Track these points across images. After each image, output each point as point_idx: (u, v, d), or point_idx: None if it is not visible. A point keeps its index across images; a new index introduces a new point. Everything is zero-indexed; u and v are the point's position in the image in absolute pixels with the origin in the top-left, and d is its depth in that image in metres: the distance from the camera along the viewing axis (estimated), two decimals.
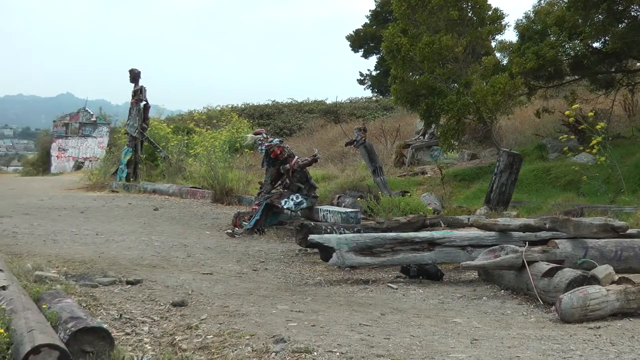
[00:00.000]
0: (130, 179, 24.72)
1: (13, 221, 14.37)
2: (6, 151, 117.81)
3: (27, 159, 55.85)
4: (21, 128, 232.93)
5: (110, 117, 47.72)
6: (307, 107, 42.00)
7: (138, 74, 25.91)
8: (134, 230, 13.50)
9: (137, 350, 5.47)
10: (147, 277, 8.48)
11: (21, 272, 7.82)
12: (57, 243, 11.52)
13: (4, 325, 4.86)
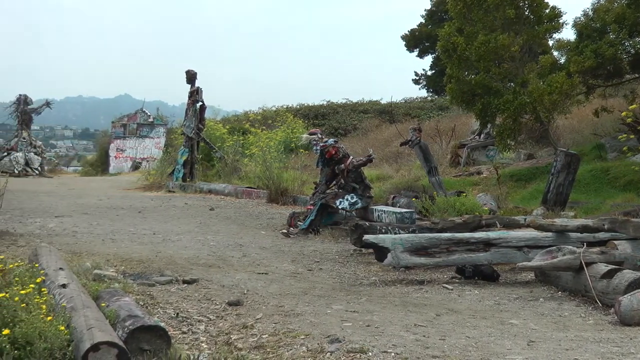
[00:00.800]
0: (186, 179, 24.97)
1: (73, 220, 14.62)
2: (66, 152, 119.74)
3: (87, 159, 56.78)
4: (81, 129, 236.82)
5: (167, 118, 48.22)
6: (362, 107, 41.94)
7: (194, 75, 26.15)
8: (190, 230, 13.63)
9: (194, 349, 5.53)
10: (203, 277, 8.55)
11: (81, 270, 7.95)
12: (115, 242, 11.68)
13: (65, 322, 4.95)
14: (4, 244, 11.42)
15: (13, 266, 6.58)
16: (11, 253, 10.04)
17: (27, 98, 41.33)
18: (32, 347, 4.62)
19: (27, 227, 13.57)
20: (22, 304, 5.09)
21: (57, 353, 4.65)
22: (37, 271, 6.59)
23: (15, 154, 39.06)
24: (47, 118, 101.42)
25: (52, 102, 43.64)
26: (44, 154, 42.84)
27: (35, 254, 7.98)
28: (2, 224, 13.16)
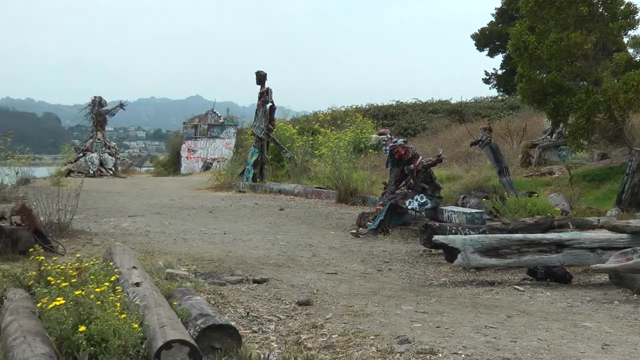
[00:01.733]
0: (256, 180, 25.15)
1: (146, 220, 14.87)
2: (139, 152, 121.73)
3: (159, 159, 57.52)
4: (153, 130, 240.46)
5: (237, 119, 48.55)
6: (431, 107, 41.65)
7: (264, 75, 26.33)
8: (260, 229, 13.73)
9: (264, 348, 5.57)
10: (273, 276, 8.62)
11: (153, 269, 8.09)
12: (187, 242, 11.85)
13: (138, 320, 5.04)
14: (79, 242, 11.70)
15: (88, 265, 6.73)
16: (87, 252, 10.28)
17: (101, 100, 42.11)
18: (107, 344, 4.72)
19: (101, 226, 13.86)
20: (97, 301, 5.20)
21: (131, 350, 4.74)
22: (111, 270, 6.73)
23: (90, 155, 39.84)
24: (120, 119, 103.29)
25: (126, 104, 44.34)
26: (118, 154, 43.59)
27: (110, 253, 8.15)
28: (78, 223, 13.46)
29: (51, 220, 12.32)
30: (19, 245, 10.26)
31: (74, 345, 4.79)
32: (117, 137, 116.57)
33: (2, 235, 10.37)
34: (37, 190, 14.49)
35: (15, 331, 4.90)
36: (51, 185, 19.25)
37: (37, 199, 12.95)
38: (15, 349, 4.55)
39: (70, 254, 10.25)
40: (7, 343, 4.83)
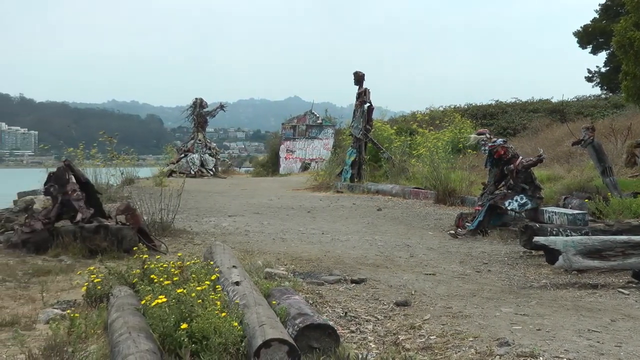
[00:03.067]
0: (354, 180, 25.20)
1: (245, 220, 15.08)
2: (239, 153, 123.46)
3: (258, 160, 58.23)
4: (252, 131, 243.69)
5: (335, 119, 48.72)
6: (531, 106, 40.83)
7: (362, 76, 26.37)
8: (358, 230, 13.76)
9: (362, 348, 5.58)
10: (371, 276, 8.62)
11: (252, 268, 8.20)
12: (285, 241, 11.97)
13: (238, 319, 5.12)
14: (181, 241, 11.96)
15: (190, 263, 6.88)
16: (188, 250, 10.51)
17: (202, 101, 42.89)
18: (208, 342, 4.81)
19: (202, 225, 14.13)
20: (198, 300, 5.31)
21: (231, 348, 4.82)
22: (212, 268, 6.85)
23: (191, 156, 40.64)
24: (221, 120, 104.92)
25: (226, 105, 45.09)
26: (218, 155, 44.34)
27: (210, 252, 8.30)
28: (180, 222, 13.76)
29: (154, 220, 12.64)
30: (124, 243, 10.57)
31: (176, 342, 4.90)
32: (217, 138, 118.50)
33: (108, 234, 10.71)
34: (140, 190, 14.89)
35: (120, 327, 5.05)
36: (154, 185, 19.74)
37: (140, 199, 13.31)
38: (121, 344, 4.69)
39: (172, 252, 10.49)
40: (113, 338, 4.98)
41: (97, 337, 5.64)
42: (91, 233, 10.89)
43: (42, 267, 9.60)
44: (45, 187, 12.06)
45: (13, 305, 7.39)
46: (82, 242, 10.78)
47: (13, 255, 10.81)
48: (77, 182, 11.77)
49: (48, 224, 11.37)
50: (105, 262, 8.09)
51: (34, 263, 9.97)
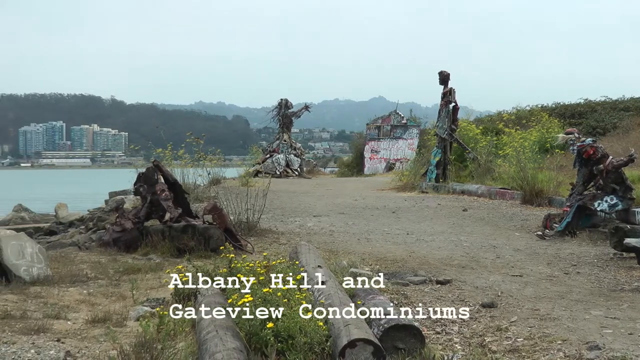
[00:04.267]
0: (439, 180, 25.02)
1: (330, 220, 15.15)
2: (323, 153, 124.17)
3: (342, 160, 58.41)
4: (337, 131, 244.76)
5: (420, 119, 48.49)
6: (622, 104, 39.71)
7: (447, 76, 26.15)
8: (443, 230, 13.66)
9: (447, 350, 5.55)
10: (456, 277, 8.56)
11: (337, 268, 8.23)
12: (370, 242, 11.97)
13: (323, 318, 5.15)
14: (267, 241, 12.09)
15: (275, 263, 6.95)
16: (274, 250, 10.61)
17: (287, 102, 43.23)
18: (294, 341, 4.85)
19: (287, 225, 14.25)
20: (284, 299, 5.36)
21: (317, 347, 4.85)
22: (297, 268, 6.91)
23: (277, 156, 41.01)
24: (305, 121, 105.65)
25: (311, 106, 45.38)
26: (303, 155, 44.61)
27: (296, 252, 8.36)
28: (265, 222, 13.90)
29: (240, 220, 12.81)
30: (211, 243, 10.73)
31: (262, 341, 4.95)
32: (302, 139, 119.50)
33: (196, 234, 10.89)
34: (227, 190, 15.09)
35: (208, 325, 5.13)
36: (240, 185, 20.00)
37: (227, 199, 13.50)
38: (209, 342, 4.77)
39: (258, 252, 10.62)
40: (201, 336, 5.07)
41: (185, 334, 5.74)
42: (179, 232, 11.10)
43: (132, 265, 9.83)
44: (135, 187, 12.33)
45: (105, 302, 7.60)
46: (170, 241, 11.00)
47: (105, 253, 11.11)
48: (165, 182, 12.01)
49: (138, 223, 11.64)
50: (192, 261, 8.22)
51: (124, 261, 10.22)
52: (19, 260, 8.71)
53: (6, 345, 5.57)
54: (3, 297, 7.58)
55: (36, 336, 5.95)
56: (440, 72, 26.32)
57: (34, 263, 8.91)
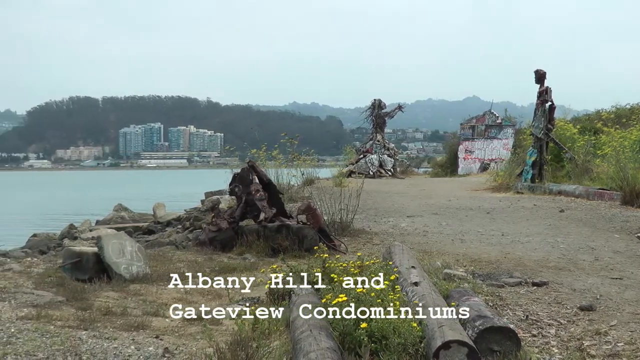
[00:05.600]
0: (535, 180, 24.61)
1: (423, 220, 15.07)
2: (417, 153, 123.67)
3: (436, 160, 58.15)
4: (430, 131, 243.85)
5: (515, 119, 47.84)
6: None
7: (543, 74, 25.68)
8: (539, 231, 13.42)
9: (544, 353, 5.46)
10: (553, 279, 8.40)
11: (431, 269, 8.19)
12: (464, 243, 11.86)
13: (417, 319, 5.13)
14: (360, 241, 12.11)
15: (369, 263, 6.96)
16: (367, 250, 10.63)
17: (381, 102, 43.28)
18: (387, 342, 4.85)
19: (380, 225, 14.24)
20: (377, 299, 5.36)
21: (410, 348, 4.84)
22: (390, 268, 6.90)
23: (370, 156, 41.07)
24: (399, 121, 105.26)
25: (404, 106, 45.30)
26: (396, 155, 44.55)
27: (389, 252, 8.35)
28: (359, 222, 13.93)
29: (334, 220, 12.86)
30: (305, 243, 10.82)
31: (355, 341, 4.97)
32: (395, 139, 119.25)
33: (290, 233, 11.00)
34: (320, 190, 15.16)
35: (302, 325, 5.17)
36: (333, 185, 20.08)
37: (320, 199, 13.58)
38: (303, 341, 4.81)
39: (352, 252, 10.65)
40: (295, 335, 5.11)
41: (279, 333, 5.81)
42: (273, 232, 11.23)
43: (227, 264, 9.99)
44: (230, 187, 12.54)
45: (201, 300, 7.75)
46: (265, 240, 11.14)
47: (201, 252, 11.33)
48: (260, 183, 12.16)
49: (233, 223, 11.82)
50: (287, 261, 8.30)
51: (220, 260, 10.40)
52: (119, 259, 8.97)
53: (108, 341, 5.75)
54: (105, 294, 7.82)
55: (136, 333, 6.12)
56: (536, 71, 25.87)
57: (134, 261, 9.16)
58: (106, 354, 5.44)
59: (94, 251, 9.13)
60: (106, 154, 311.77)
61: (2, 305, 6.97)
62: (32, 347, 5.50)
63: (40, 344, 5.60)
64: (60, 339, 5.76)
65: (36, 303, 7.20)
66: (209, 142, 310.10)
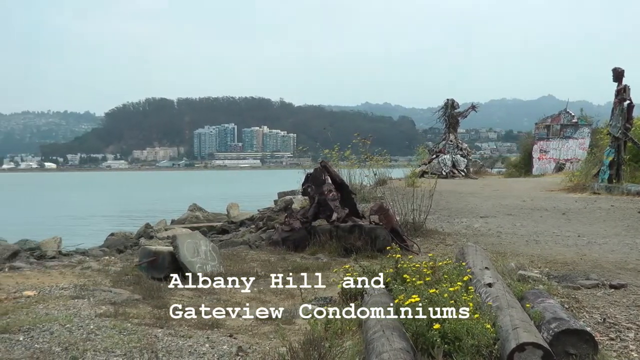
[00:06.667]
0: (612, 181, 24.12)
1: (497, 221, 14.92)
2: (490, 153, 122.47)
3: (510, 160, 57.51)
4: (504, 131, 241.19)
5: (592, 118, 46.97)
6: None
7: (621, 72, 25.15)
8: (616, 233, 13.16)
9: (622, 357, 5.35)
10: (632, 282, 8.22)
11: (505, 270, 8.10)
12: (539, 244, 11.70)
13: (490, 321, 5.08)
14: (433, 242, 12.06)
15: (442, 264, 6.91)
16: (440, 251, 10.58)
17: (454, 102, 43.00)
18: (460, 343, 4.82)
19: (453, 226, 14.15)
20: (450, 300, 5.32)
21: (484, 350, 4.80)
22: (463, 269, 6.85)
23: (443, 157, 40.83)
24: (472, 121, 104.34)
25: (478, 106, 44.89)
26: (470, 156, 44.19)
27: (462, 253, 8.29)
28: (431, 223, 13.86)
29: (406, 220, 12.84)
30: (377, 243, 10.82)
31: (428, 342, 4.94)
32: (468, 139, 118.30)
33: (362, 234, 11.01)
34: (393, 190, 15.13)
35: (374, 325, 5.17)
36: (406, 186, 20.01)
37: (393, 199, 13.56)
38: (375, 342, 4.81)
39: (424, 253, 10.61)
40: (367, 336, 5.12)
41: (352, 333, 5.82)
42: (346, 232, 11.25)
43: (300, 264, 10.06)
44: (303, 187, 12.61)
45: (275, 300, 7.82)
46: (337, 241, 11.17)
47: (274, 252, 11.43)
48: (332, 183, 12.20)
49: (306, 223, 11.89)
50: (359, 261, 8.32)
51: (292, 260, 10.47)
52: (194, 258, 9.12)
53: (183, 339, 5.85)
54: (180, 293, 7.95)
55: (210, 331, 6.21)
56: (614, 69, 25.35)
57: (208, 261, 9.29)
58: (181, 351, 5.53)
59: (169, 250, 9.30)
60: (181, 154, 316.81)
61: (81, 303, 7.15)
62: (110, 344, 5.63)
63: (117, 341, 5.73)
64: (137, 336, 5.89)
65: (114, 301, 7.37)
66: (282, 142, 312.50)
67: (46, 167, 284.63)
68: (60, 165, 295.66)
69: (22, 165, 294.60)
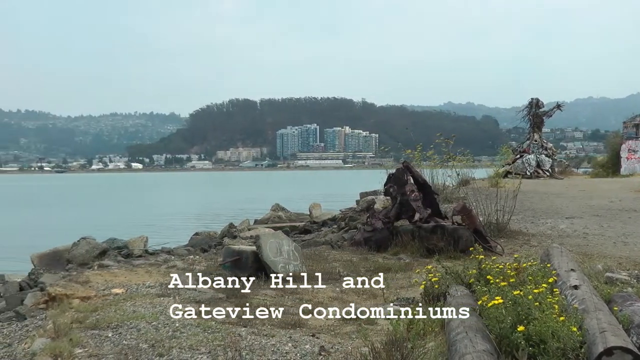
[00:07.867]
0: None
1: (583, 222, 14.63)
2: (576, 153, 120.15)
3: (596, 160, 56.27)
4: (590, 130, 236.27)
5: None
6: None
7: None
8: None
9: None
10: None
11: (592, 272, 7.95)
12: (627, 245, 11.43)
13: (577, 324, 4.98)
14: (517, 243, 11.90)
15: (526, 265, 6.81)
16: (524, 252, 10.42)
17: (538, 101, 42.26)
18: (545, 346, 4.74)
19: (538, 227, 13.94)
20: (535, 302, 5.24)
21: (570, 354, 4.70)
22: (549, 271, 6.73)
23: (527, 156, 40.17)
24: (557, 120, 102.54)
25: (563, 105, 44.05)
26: (555, 155, 43.39)
27: (547, 254, 8.15)
28: (515, 223, 13.68)
29: (489, 221, 12.70)
30: (460, 243, 10.74)
31: (512, 344, 4.88)
32: (553, 139, 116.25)
33: (445, 234, 10.95)
34: (476, 191, 14.98)
35: (457, 326, 5.14)
36: (489, 186, 19.76)
37: (476, 200, 13.43)
38: (458, 343, 4.77)
39: (508, 254, 10.48)
40: (450, 337, 5.09)
41: (434, 334, 5.78)
42: (428, 233, 11.20)
43: (382, 264, 10.06)
44: (385, 187, 12.60)
45: (357, 300, 7.83)
46: (419, 241, 11.13)
47: (356, 252, 11.45)
48: (415, 183, 12.15)
49: (388, 223, 11.88)
50: (442, 262, 8.26)
51: (374, 260, 10.47)
52: (276, 258, 9.20)
53: (266, 338, 5.92)
54: (263, 292, 8.04)
55: (293, 330, 6.26)
56: None
57: (290, 260, 9.37)
58: (264, 350, 5.59)
59: (252, 250, 9.41)
60: (264, 154, 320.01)
61: (167, 301, 7.30)
62: (195, 342, 5.74)
63: (202, 339, 5.83)
64: (221, 334, 5.98)
65: (198, 299, 7.50)
66: (364, 142, 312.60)
67: (133, 168, 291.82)
68: (146, 165, 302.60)
69: (110, 165, 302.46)
